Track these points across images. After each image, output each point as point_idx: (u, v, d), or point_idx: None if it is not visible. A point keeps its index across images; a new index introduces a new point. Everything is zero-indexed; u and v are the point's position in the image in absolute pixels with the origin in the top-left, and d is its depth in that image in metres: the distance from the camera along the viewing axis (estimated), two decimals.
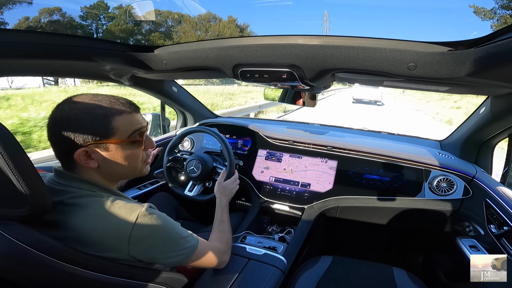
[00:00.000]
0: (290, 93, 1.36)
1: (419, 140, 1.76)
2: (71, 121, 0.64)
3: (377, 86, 1.12)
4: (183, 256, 0.75)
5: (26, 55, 0.88)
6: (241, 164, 1.59)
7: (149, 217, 0.67)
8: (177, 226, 0.75)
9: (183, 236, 0.75)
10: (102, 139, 0.66)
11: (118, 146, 0.68)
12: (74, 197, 0.66)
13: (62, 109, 0.64)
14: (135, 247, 0.66)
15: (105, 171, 0.70)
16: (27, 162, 0.57)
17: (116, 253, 0.66)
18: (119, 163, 0.70)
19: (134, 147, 0.72)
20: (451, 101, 15.94)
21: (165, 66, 1.13)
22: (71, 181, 0.68)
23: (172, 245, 0.72)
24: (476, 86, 0.87)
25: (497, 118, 1.11)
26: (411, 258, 1.71)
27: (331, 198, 1.42)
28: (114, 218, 0.64)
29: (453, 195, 1.29)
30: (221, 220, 1.07)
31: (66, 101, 0.66)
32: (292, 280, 1.07)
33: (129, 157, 0.71)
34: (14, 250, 0.56)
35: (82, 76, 1.36)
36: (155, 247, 0.69)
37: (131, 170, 0.75)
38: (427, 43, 0.75)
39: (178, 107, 1.87)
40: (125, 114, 0.69)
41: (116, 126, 0.67)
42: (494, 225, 1.06)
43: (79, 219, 0.64)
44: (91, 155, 0.66)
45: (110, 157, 0.68)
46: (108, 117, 0.66)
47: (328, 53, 0.83)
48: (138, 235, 0.65)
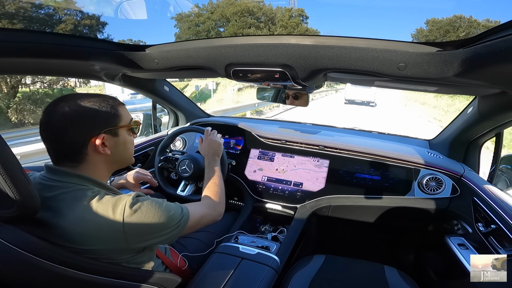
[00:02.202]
0: (282, 93, 1.37)
1: (408, 140, 1.79)
2: (87, 112, 0.69)
3: (368, 86, 1.14)
4: (180, 228, 0.77)
5: (10, 54, 0.85)
6: (234, 163, 1.58)
7: (138, 203, 0.69)
8: (164, 202, 0.77)
9: (172, 211, 0.76)
10: (115, 124, 0.74)
11: (124, 131, 0.78)
12: (65, 193, 0.67)
13: (68, 105, 0.68)
14: (131, 234, 0.67)
15: (114, 158, 0.77)
16: (13, 162, 0.56)
17: (114, 245, 0.67)
18: (125, 148, 0.79)
19: (131, 134, 0.81)
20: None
21: (156, 65, 1.11)
22: (63, 176, 0.69)
23: (166, 222, 0.74)
24: (463, 87, 0.89)
25: (484, 118, 1.13)
26: (402, 256, 1.74)
27: (323, 197, 1.43)
28: (104, 211, 0.66)
29: (441, 194, 1.32)
30: (208, 177, 1.08)
31: (67, 99, 0.69)
32: (285, 279, 1.07)
33: (130, 142, 0.81)
34: (2, 251, 0.55)
35: (71, 75, 1.33)
36: (151, 228, 0.71)
37: (130, 155, 0.83)
38: (417, 44, 0.76)
39: (170, 107, 1.86)
40: (121, 105, 0.78)
41: (121, 114, 0.76)
42: (482, 224, 1.08)
43: (72, 213, 0.64)
44: (105, 142, 0.72)
45: (120, 143, 0.76)
46: (114, 107, 0.75)
47: (320, 53, 0.84)
48: (130, 222, 0.67)
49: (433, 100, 16.05)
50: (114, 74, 1.31)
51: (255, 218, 1.52)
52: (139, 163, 1.60)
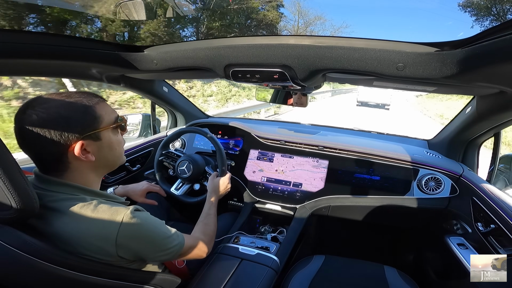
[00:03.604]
0: (282, 93, 1.37)
1: (407, 140, 1.79)
2: (57, 119, 0.62)
3: (367, 86, 1.14)
4: (171, 255, 0.75)
5: (9, 55, 0.85)
6: (233, 164, 1.58)
7: (135, 220, 0.66)
8: (162, 225, 0.75)
9: (168, 236, 0.75)
10: (94, 128, 0.67)
11: (109, 133, 0.71)
12: (55, 201, 0.64)
13: (36, 113, 0.61)
14: (123, 250, 0.65)
15: (101, 162, 0.71)
16: (12, 163, 0.56)
17: (104, 255, 0.65)
18: (111, 150, 0.72)
19: (118, 133, 0.75)
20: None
21: (155, 66, 1.11)
22: (51, 185, 0.66)
23: (159, 246, 0.72)
24: (462, 86, 0.90)
25: (482, 118, 1.13)
26: (401, 256, 1.74)
27: (323, 198, 1.43)
28: (99, 222, 0.63)
29: (440, 194, 1.32)
30: (208, 214, 1.08)
31: (33, 104, 0.62)
32: (285, 280, 1.07)
33: (118, 142, 0.74)
34: (1, 252, 0.54)
35: (68, 76, 1.33)
36: (143, 249, 0.69)
37: (119, 156, 0.77)
38: (415, 44, 0.77)
39: (169, 107, 1.86)
40: (101, 103, 0.70)
41: (101, 115, 0.68)
42: (481, 223, 1.09)
43: (63, 224, 0.62)
44: (86, 148, 0.66)
45: (104, 145, 0.70)
46: (90, 107, 0.67)
47: (319, 53, 0.84)
48: (124, 238, 0.64)
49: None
50: (114, 75, 1.30)
51: (255, 219, 1.52)
52: (138, 164, 1.59)
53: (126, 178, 1.50)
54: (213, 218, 1.07)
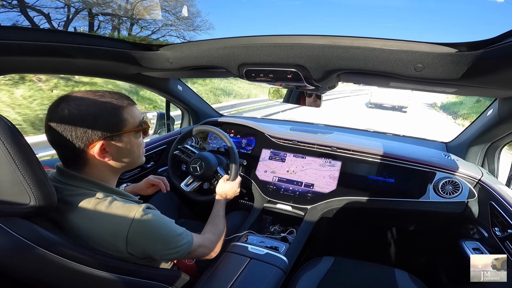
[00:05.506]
0: (295, 93, 1.36)
1: (424, 142, 1.74)
2: (86, 117, 0.65)
3: (383, 86, 1.11)
4: (180, 253, 0.77)
5: (31, 53, 0.88)
6: (245, 163, 1.59)
7: (146, 217, 0.68)
8: (172, 224, 0.76)
9: (178, 234, 0.76)
10: (117, 130, 0.69)
11: (130, 136, 0.73)
12: (73, 195, 0.67)
13: (68, 108, 0.64)
14: (133, 246, 0.67)
15: (117, 163, 0.73)
16: (32, 158, 0.57)
17: (114, 251, 0.67)
18: (130, 152, 0.74)
19: (140, 136, 0.77)
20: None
21: (170, 65, 1.13)
22: (72, 180, 0.69)
23: (168, 244, 0.73)
24: (483, 88, 0.86)
25: (504, 121, 1.09)
26: (413, 259, 1.70)
27: (334, 199, 1.41)
28: (112, 218, 0.65)
29: (458, 198, 1.28)
30: (217, 215, 1.10)
31: (67, 100, 0.66)
32: (293, 280, 1.07)
33: (137, 145, 0.76)
34: (18, 246, 0.56)
35: (87, 74, 1.36)
36: (153, 246, 0.71)
37: (137, 158, 0.78)
38: (435, 44, 0.74)
39: (183, 106, 1.88)
40: (129, 106, 0.72)
41: (127, 118, 0.71)
42: (499, 228, 1.05)
43: (77, 218, 0.65)
44: (105, 148, 0.68)
45: (123, 148, 0.72)
46: (119, 109, 0.69)
47: (335, 54, 0.83)
48: (135, 235, 0.66)
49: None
50: (130, 74, 1.33)
51: (265, 218, 1.52)
52: (152, 161, 1.63)
53: (140, 174, 1.54)
54: (222, 219, 1.09)
